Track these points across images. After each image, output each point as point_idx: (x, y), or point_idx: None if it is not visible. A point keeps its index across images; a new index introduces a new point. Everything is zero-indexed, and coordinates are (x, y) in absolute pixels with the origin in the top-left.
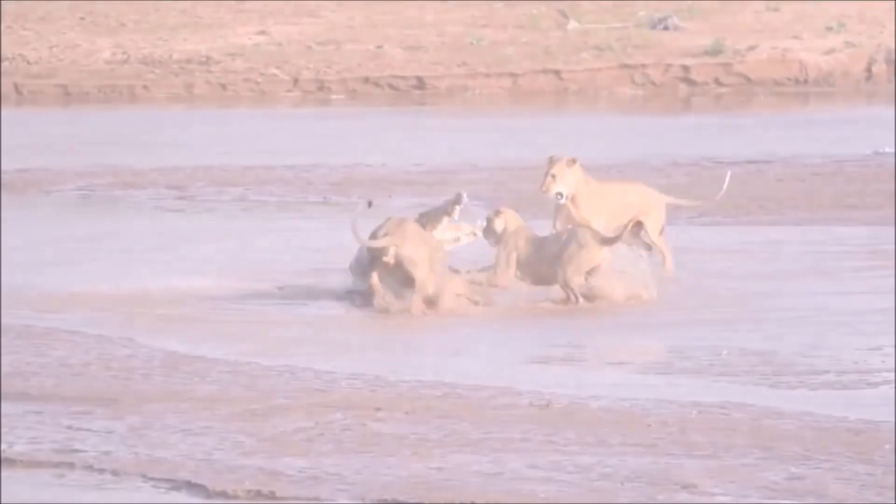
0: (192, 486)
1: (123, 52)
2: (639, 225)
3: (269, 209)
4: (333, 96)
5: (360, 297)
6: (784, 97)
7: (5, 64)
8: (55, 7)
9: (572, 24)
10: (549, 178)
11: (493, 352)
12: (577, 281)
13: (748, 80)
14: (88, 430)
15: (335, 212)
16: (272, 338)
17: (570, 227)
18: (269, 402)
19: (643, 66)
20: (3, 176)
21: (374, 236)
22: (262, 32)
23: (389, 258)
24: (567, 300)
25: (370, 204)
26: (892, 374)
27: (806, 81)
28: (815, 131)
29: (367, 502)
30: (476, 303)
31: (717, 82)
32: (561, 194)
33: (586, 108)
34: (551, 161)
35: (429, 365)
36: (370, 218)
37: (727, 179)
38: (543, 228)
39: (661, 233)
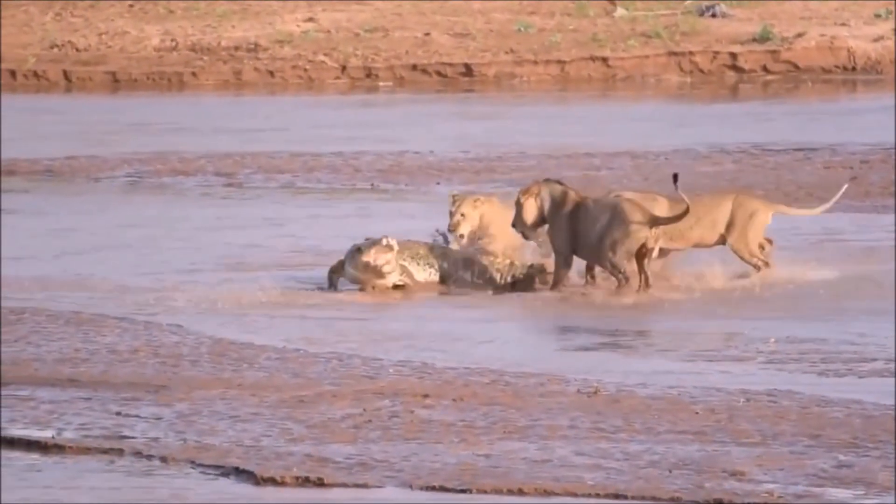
0: (240, 473)
1: (172, 40)
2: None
3: (317, 196)
4: (381, 83)
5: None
6: (832, 84)
7: (55, 51)
8: None
9: (620, 12)
10: (459, 217)
11: (541, 339)
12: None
13: (796, 67)
14: (137, 416)
15: (383, 198)
16: (320, 325)
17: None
18: (317, 389)
19: (691, 53)
20: (51, 163)
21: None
22: (311, 20)
23: None
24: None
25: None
26: None
27: (854, 69)
28: (862, 119)
29: (414, 489)
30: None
31: (765, 70)
32: (463, 235)
33: (634, 96)
34: (456, 199)
35: (476, 352)
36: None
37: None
38: None
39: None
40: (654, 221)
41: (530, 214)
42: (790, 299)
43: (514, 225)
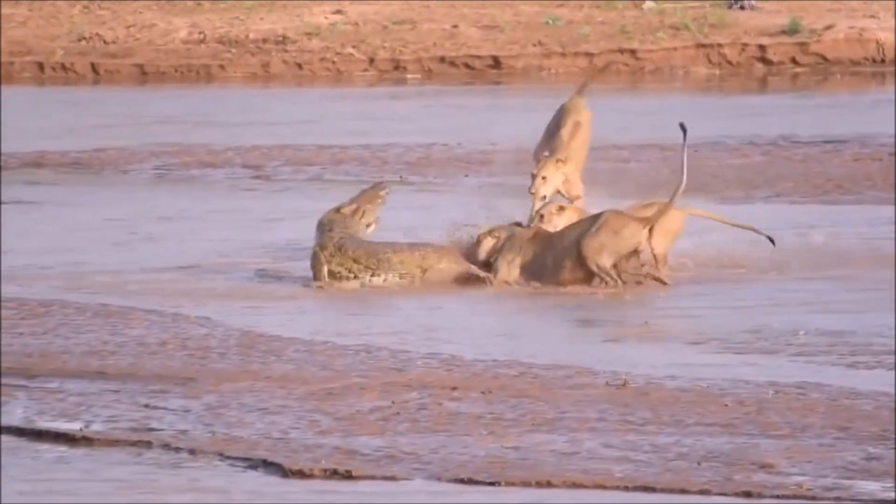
0: (268, 465)
1: (200, 32)
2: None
3: (345, 188)
4: (409, 76)
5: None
6: (861, 77)
7: (82, 44)
8: None
9: (648, 4)
10: (540, 180)
11: (569, 331)
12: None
13: (825, 59)
14: (165, 408)
15: (411, 191)
16: (348, 317)
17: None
18: (345, 381)
19: (719, 45)
20: (80, 155)
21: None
22: (339, 12)
23: None
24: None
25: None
26: None
27: (883, 61)
28: (891, 111)
29: (443, 481)
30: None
31: (794, 62)
32: (545, 196)
33: (662, 88)
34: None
35: (504, 344)
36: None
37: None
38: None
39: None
40: (647, 222)
41: (485, 253)
42: (819, 292)
43: (466, 258)
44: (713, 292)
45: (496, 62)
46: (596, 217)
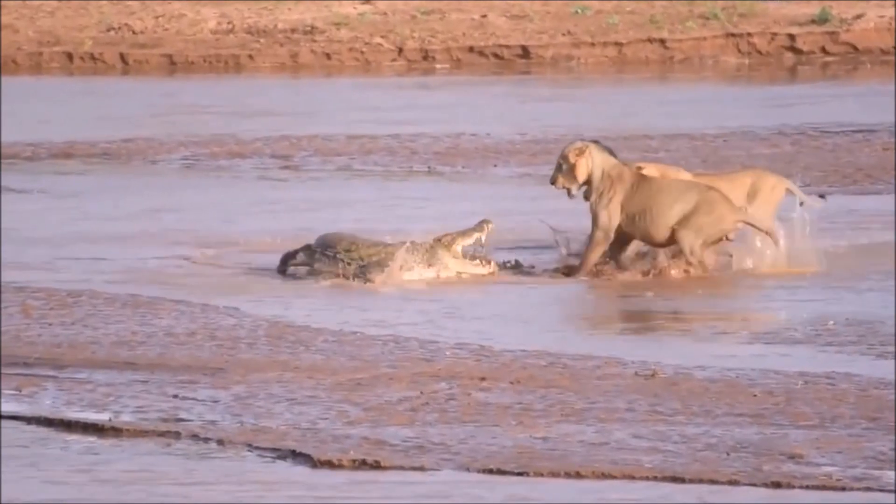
0: (296, 456)
1: (229, 22)
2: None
3: (374, 178)
4: (438, 66)
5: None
6: (891, 66)
7: (111, 34)
8: None
9: None
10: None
11: (598, 322)
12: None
13: (855, 48)
14: (194, 399)
15: (439, 181)
16: (377, 307)
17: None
18: (374, 371)
19: (749, 34)
20: (108, 146)
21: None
22: (367, 2)
23: None
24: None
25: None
26: None
27: None
28: None
29: (471, 472)
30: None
31: (824, 51)
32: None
33: (692, 78)
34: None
35: (533, 335)
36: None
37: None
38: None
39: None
40: (743, 217)
41: (583, 174)
42: (849, 281)
43: (553, 182)
44: (741, 283)
45: (525, 52)
46: (695, 189)
